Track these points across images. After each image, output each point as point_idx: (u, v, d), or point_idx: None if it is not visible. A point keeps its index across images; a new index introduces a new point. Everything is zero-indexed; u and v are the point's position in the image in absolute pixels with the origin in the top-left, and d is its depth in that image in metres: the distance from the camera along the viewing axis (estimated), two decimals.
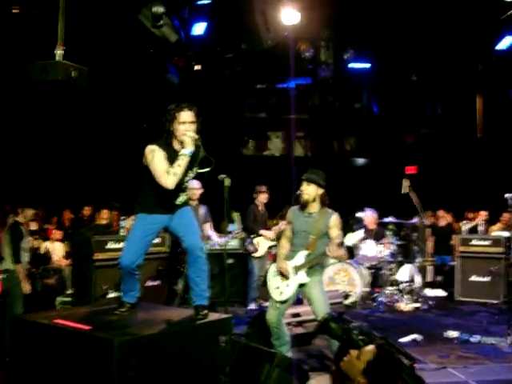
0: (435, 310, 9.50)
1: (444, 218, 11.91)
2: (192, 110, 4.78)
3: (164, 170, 4.63)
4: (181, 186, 4.84)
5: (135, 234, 4.90)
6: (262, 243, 9.59)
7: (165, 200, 4.81)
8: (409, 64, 13.41)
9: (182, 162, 4.64)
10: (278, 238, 9.13)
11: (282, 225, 9.28)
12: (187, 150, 4.66)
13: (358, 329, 2.63)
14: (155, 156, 4.66)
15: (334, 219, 5.82)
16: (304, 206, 5.87)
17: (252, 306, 9.48)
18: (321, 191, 5.81)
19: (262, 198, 9.72)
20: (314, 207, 5.85)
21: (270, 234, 9.58)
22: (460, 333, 7.49)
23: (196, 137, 4.70)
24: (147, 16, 9.02)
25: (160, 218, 4.87)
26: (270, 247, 9.72)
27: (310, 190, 5.81)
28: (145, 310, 5.06)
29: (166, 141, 4.76)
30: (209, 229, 8.96)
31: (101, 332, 4.16)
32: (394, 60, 13.19)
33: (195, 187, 8.46)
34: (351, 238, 6.47)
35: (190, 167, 4.78)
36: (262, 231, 9.53)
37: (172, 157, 4.71)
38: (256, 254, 9.54)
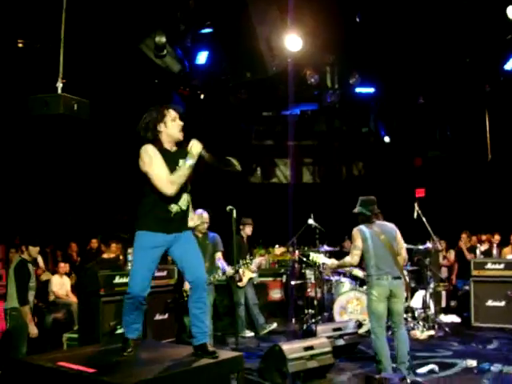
0: (451, 337, 9.22)
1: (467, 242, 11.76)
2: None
3: (166, 176, 4.50)
4: (182, 189, 4.67)
5: (141, 260, 4.64)
6: (246, 273, 9.74)
7: (165, 211, 4.61)
8: (415, 87, 13.32)
9: (185, 172, 4.54)
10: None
11: (263, 260, 10.37)
12: (191, 161, 4.55)
13: None
14: (153, 158, 4.52)
15: None
16: None
17: (248, 334, 9.64)
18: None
19: (248, 231, 9.99)
20: None
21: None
22: (479, 362, 7.22)
23: (201, 148, 4.61)
24: (150, 46, 8.99)
25: (162, 238, 4.65)
26: (250, 279, 9.88)
27: None
28: (152, 348, 4.87)
29: (156, 142, 4.62)
30: (219, 258, 8.86)
31: (106, 375, 3.98)
32: (400, 83, 13.09)
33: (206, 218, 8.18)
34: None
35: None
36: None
37: (168, 158, 4.59)
38: (240, 284, 9.64)
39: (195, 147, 4.59)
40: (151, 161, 4.49)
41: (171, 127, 4.64)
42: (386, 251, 6.41)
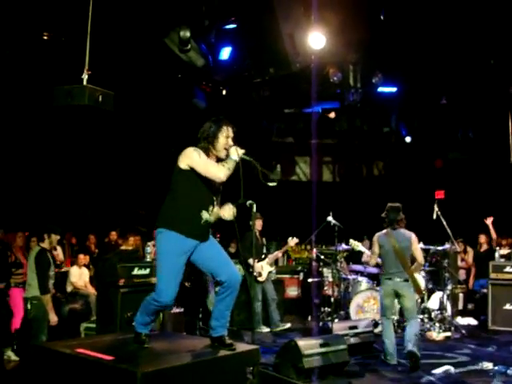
0: (468, 340, 9.19)
1: (485, 243, 11.66)
2: None
3: (216, 164, 4.60)
4: (212, 199, 4.74)
5: (173, 267, 4.54)
6: (264, 268, 9.87)
7: (197, 217, 4.62)
8: (438, 87, 13.22)
9: (230, 165, 4.59)
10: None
11: (279, 253, 10.54)
12: (235, 157, 4.62)
13: None
14: (202, 154, 4.59)
15: None
16: None
17: (264, 329, 9.69)
18: None
19: (258, 225, 9.96)
20: None
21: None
22: (496, 365, 7.18)
23: (243, 151, 4.70)
24: (174, 40, 9.03)
25: (191, 244, 4.63)
26: (268, 273, 9.99)
27: None
28: (169, 339, 4.92)
29: (204, 150, 4.66)
30: None
31: (124, 363, 4.03)
32: (422, 83, 13.01)
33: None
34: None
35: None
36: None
37: None
38: (259, 279, 9.73)
39: (236, 149, 4.68)
40: (201, 156, 4.57)
41: (220, 143, 4.70)
42: (396, 258, 7.45)
